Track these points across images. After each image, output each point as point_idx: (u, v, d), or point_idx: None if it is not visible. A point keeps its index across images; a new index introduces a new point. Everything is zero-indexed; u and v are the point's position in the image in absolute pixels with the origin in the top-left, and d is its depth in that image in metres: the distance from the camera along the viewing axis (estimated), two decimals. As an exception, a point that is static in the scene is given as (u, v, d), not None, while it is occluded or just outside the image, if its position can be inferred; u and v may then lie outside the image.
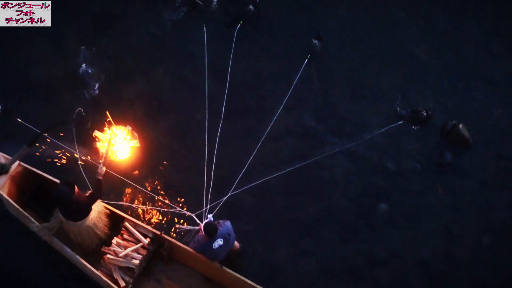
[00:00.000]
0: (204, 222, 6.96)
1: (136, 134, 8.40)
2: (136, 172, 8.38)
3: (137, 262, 7.27)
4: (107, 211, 7.49)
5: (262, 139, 8.47)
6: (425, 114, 8.68)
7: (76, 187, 6.88)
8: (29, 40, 9.13)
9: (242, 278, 7.16)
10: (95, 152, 8.32)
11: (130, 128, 8.38)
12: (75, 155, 8.02)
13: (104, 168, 7.10)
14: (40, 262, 7.77)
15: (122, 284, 7.17)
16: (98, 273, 7.14)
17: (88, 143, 8.39)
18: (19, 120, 7.90)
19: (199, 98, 8.89)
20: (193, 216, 7.65)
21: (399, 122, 8.71)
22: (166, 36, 9.44)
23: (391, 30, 9.55)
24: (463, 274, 7.92)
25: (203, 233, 6.93)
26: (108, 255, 7.28)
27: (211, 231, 6.90)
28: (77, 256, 7.18)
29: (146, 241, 7.41)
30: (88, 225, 7.18)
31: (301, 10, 9.78)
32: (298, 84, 9.02)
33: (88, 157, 8.17)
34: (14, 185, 7.64)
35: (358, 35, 9.54)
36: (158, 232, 7.48)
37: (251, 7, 9.41)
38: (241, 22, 9.29)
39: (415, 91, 9.09)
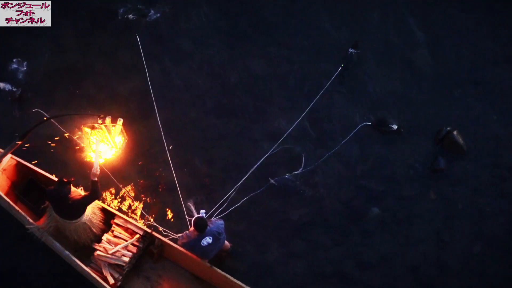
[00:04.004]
0: (195, 217, 6.93)
1: (125, 133, 8.32)
2: (128, 169, 8.35)
3: (127, 259, 7.27)
4: (100, 206, 7.51)
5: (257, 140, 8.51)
6: (394, 127, 8.69)
7: (71, 187, 6.88)
8: (27, 34, 9.08)
9: (232, 278, 7.17)
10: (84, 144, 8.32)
11: (121, 121, 8.28)
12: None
13: (98, 169, 7.04)
14: (29, 257, 7.76)
15: (112, 281, 7.16)
16: (87, 269, 7.13)
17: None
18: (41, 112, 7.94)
19: (194, 96, 8.89)
20: (169, 233, 7.72)
21: (367, 123, 8.71)
22: (163, 33, 9.40)
23: (388, 34, 9.53)
24: (453, 280, 7.93)
25: (193, 227, 6.91)
26: (98, 252, 7.27)
27: (201, 226, 6.85)
28: (67, 252, 7.17)
29: (136, 238, 7.40)
30: (84, 222, 7.18)
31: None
32: (291, 85, 9.05)
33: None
34: (6, 178, 7.62)
35: (357, 37, 9.53)
36: (149, 230, 7.48)
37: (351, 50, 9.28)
38: (342, 65, 9.15)
39: (411, 95, 9.08)
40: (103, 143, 7.99)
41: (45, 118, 7.60)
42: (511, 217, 8.30)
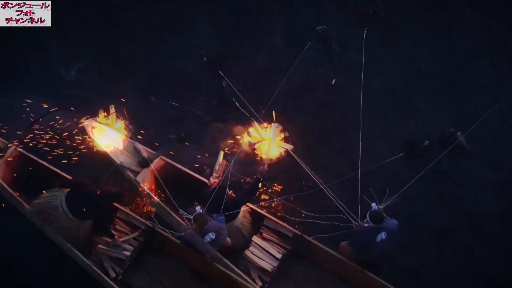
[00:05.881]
0: (193, 214, 6.91)
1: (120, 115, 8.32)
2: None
3: (128, 253, 7.29)
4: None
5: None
6: (426, 143, 8.61)
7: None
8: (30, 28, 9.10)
9: (232, 274, 7.16)
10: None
11: (113, 107, 8.23)
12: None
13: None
14: (30, 249, 7.77)
15: (112, 274, 7.19)
16: (88, 262, 7.15)
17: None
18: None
19: (198, 91, 8.89)
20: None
21: (400, 154, 8.63)
22: (169, 28, 9.40)
23: (394, 36, 9.53)
24: (453, 282, 7.91)
25: (194, 224, 6.90)
26: (99, 245, 7.29)
27: (201, 221, 6.82)
28: (69, 244, 7.19)
29: (137, 232, 7.42)
30: (83, 226, 7.26)
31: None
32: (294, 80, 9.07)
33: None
34: (9, 169, 7.66)
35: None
36: (151, 224, 7.47)
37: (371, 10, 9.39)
38: (309, 43, 9.06)
39: (414, 95, 9.06)
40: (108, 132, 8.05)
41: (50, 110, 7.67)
42: (512, 220, 8.32)
